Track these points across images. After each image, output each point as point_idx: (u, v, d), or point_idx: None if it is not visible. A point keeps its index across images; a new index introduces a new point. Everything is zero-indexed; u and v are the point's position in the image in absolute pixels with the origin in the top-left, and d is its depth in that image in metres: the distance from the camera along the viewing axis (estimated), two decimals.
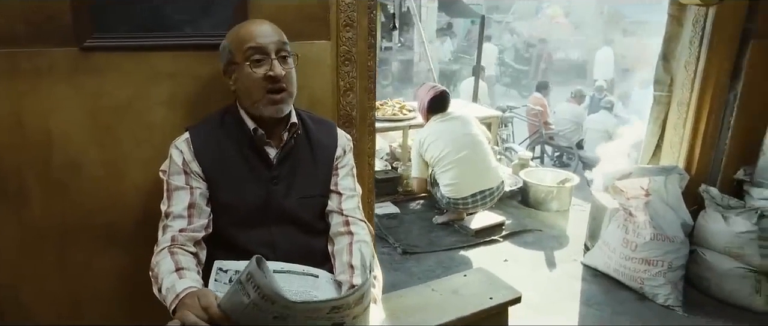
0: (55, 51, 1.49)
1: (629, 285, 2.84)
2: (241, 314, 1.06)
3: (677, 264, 2.71)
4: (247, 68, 1.39)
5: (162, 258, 1.31)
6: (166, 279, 1.25)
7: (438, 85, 3.71)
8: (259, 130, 1.45)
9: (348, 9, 1.85)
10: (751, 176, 2.91)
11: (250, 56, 1.39)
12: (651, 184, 2.80)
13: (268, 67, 1.40)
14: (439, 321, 1.81)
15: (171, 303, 1.20)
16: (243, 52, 1.39)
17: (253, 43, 1.39)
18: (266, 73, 1.39)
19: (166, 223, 1.38)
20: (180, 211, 1.38)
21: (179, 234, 1.36)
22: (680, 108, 2.94)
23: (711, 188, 2.89)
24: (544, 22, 13.14)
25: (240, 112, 1.48)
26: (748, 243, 2.64)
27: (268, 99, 1.40)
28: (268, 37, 1.41)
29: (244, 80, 1.41)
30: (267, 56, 1.40)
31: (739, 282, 2.68)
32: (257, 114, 1.44)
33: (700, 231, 2.82)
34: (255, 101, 1.41)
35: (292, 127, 1.49)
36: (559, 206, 3.97)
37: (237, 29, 1.46)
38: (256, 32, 1.41)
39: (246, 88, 1.42)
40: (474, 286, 2.02)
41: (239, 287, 1.02)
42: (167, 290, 1.23)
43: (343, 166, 1.60)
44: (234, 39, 1.43)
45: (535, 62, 12.18)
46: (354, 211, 1.56)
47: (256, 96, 1.40)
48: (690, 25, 2.82)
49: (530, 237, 3.57)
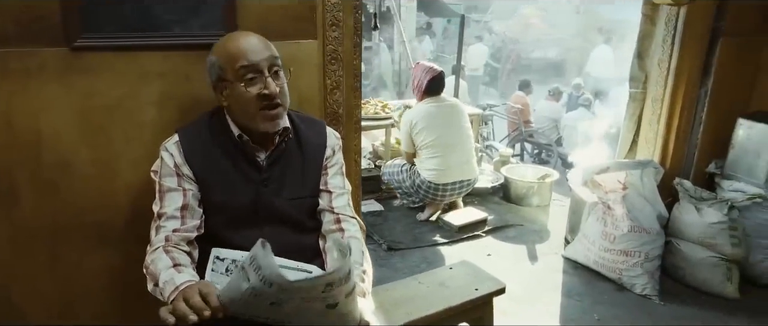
0: (45, 51, 1.50)
1: (608, 276, 2.93)
2: (239, 303, 1.09)
3: (653, 255, 2.81)
4: (241, 88, 1.38)
5: (157, 257, 1.33)
6: (164, 274, 1.28)
7: (434, 66, 3.68)
8: (244, 136, 1.46)
9: (334, 9, 1.89)
10: (721, 169, 3.03)
11: (243, 75, 1.37)
12: (628, 178, 2.89)
13: (262, 85, 1.38)
14: (426, 313, 1.87)
15: (169, 295, 1.22)
16: (235, 70, 1.37)
17: (245, 62, 1.37)
18: (261, 91, 1.38)
19: (160, 224, 1.40)
20: (173, 212, 1.40)
21: (173, 234, 1.38)
22: (654, 104, 3.04)
23: (684, 181, 3.00)
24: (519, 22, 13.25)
25: (226, 117, 1.49)
26: (720, 233, 2.75)
27: (264, 115, 1.40)
28: (259, 54, 1.39)
29: (237, 98, 1.40)
30: (260, 74, 1.39)
31: (711, 271, 2.79)
32: (253, 128, 1.44)
33: (675, 223, 2.92)
34: (250, 118, 1.41)
35: (284, 131, 1.51)
36: (539, 201, 4.06)
37: (225, 44, 1.43)
38: (247, 49, 1.39)
39: (240, 107, 1.41)
40: (459, 278, 2.08)
41: (241, 272, 1.05)
42: (165, 283, 1.25)
43: (333, 165, 1.62)
44: (223, 55, 1.41)
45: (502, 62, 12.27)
46: (344, 208, 1.60)
47: (252, 113, 1.40)
48: (663, 24, 2.92)
49: (512, 231, 3.64)
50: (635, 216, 2.81)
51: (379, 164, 4.42)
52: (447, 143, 3.51)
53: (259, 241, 1.03)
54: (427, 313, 1.86)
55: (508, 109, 7.03)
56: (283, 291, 1.06)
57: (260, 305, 1.10)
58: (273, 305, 1.10)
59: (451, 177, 3.54)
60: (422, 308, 1.88)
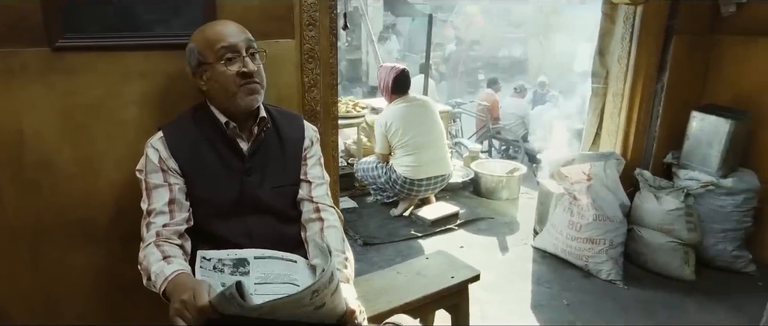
0: (26, 51, 1.51)
1: (575, 263, 3.06)
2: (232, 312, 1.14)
3: (617, 242, 2.95)
4: (221, 66, 1.46)
5: (149, 252, 1.37)
6: (155, 267, 1.32)
7: (397, 65, 3.79)
8: (231, 123, 1.52)
9: (310, 9, 1.95)
10: (678, 159, 3.21)
11: (223, 55, 1.45)
12: (592, 169, 3.04)
13: (241, 64, 1.47)
14: (405, 300, 1.93)
15: (161, 286, 1.26)
16: (215, 52, 1.45)
17: (225, 43, 1.46)
18: (240, 69, 1.46)
19: (149, 220, 1.43)
20: (161, 207, 1.43)
21: (163, 229, 1.41)
22: (615, 98, 3.19)
23: (644, 171, 3.16)
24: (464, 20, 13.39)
25: (211, 108, 1.54)
26: (677, 219, 2.92)
27: (244, 90, 1.47)
28: (237, 37, 1.48)
29: (217, 78, 1.47)
30: (238, 54, 1.47)
31: (670, 255, 2.95)
32: (232, 109, 1.51)
33: (636, 211, 3.08)
34: (231, 96, 1.48)
35: (262, 121, 1.56)
36: (508, 195, 4.19)
37: (203, 31, 1.50)
38: (226, 32, 1.48)
39: (220, 86, 1.48)
40: (436, 267, 2.16)
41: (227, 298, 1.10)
42: (157, 276, 1.29)
43: (312, 156, 1.68)
44: (202, 40, 1.48)
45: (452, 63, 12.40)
46: (323, 198, 1.66)
47: (232, 90, 1.47)
48: (621, 22, 3.08)
49: (483, 224, 3.76)
50: (599, 205, 2.95)
51: (352, 162, 4.48)
52: (421, 141, 3.60)
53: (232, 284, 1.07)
54: (406, 301, 1.93)
55: (476, 107, 7.18)
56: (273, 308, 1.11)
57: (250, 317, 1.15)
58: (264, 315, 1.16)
59: (426, 173, 3.63)
60: (402, 296, 1.95)
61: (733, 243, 3.02)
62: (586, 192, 2.99)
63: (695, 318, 2.64)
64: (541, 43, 10.79)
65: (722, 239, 3.03)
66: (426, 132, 3.64)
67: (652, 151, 3.27)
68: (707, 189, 2.99)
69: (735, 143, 2.97)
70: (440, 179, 3.75)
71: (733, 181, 2.96)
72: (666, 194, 2.99)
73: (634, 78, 3.08)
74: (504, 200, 4.18)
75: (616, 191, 3.01)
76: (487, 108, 6.92)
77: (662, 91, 3.15)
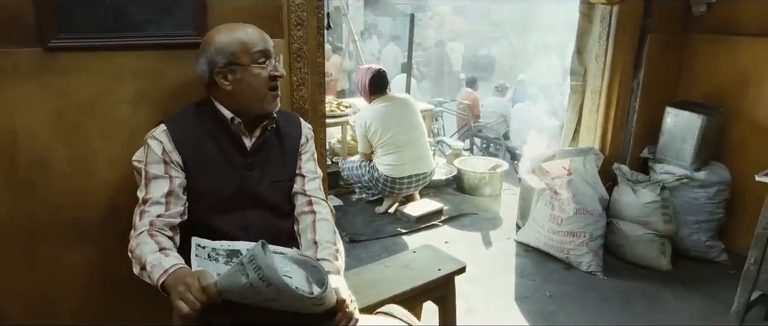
0: (19, 51, 1.53)
1: (557, 256, 3.15)
2: (236, 293, 1.19)
3: (597, 235, 3.05)
4: (256, 68, 1.51)
5: (142, 241, 1.39)
6: (150, 257, 1.34)
7: (373, 65, 3.85)
8: (237, 119, 1.56)
9: (298, 9, 1.99)
10: (653, 154, 3.32)
11: (258, 59, 1.52)
12: (572, 164, 3.13)
13: (272, 68, 1.54)
14: (394, 292, 1.99)
15: (158, 278, 1.29)
16: (250, 54, 1.51)
17: (262, 47, 1.52)
18: (272, 73, 1.54)
19: (144, 209, 1.46)
20: (158, 198, 1.46)
21: (157, 219, 1.44)
22: (593, 95, 3.29)
23: (622, 166, 3.26)
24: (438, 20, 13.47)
25: (215, 104, 1.57)
26: (654, 211, 3.02)
27: (272, 95, 1.55)
28: (268, 42, 1.56)
29: (250, 80, 1.51)
30: (270, 59, 1.54)
31: (648, 246, 3.06)
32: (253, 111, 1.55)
33: (615, 204, 3.18)
34: (260, 98, 1.53)
35: (271, 120, 1.61)
36: (491, 191, 4.28)
37: (234, 33, 1.52)
38: (259, 37, 1.54)
39: (251, 87, 1.52)
40: (423, 261, 2.22)
41: (240, 267, 1.14)
42: (153, 266, 1.32)
43: (306, 152, 1.74)
44: (237, 43, 1.50)
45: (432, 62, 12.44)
46: (316, 192, 1.71)
47: (262, 93, 1.53)
48: (598, 22, 3.17)
49: (467, 220, 3.83)
50: (580, 199, 3.04)
51: (336, 161, 4.52)
52: (402, 140, 3.65)
53: (259, 242, 1.14)
54: (395, 293, 1.98)
55: (457, 106, 7.27)
56: (278, 291, 1.16)
57: (254, 299, 1.20)
58: (266, 300, 1.20)
59: (408, 172, 3.69)
60: (391, 289, 2.01)
61: (707, 234, 3.14)
62: (567, 187, 3.08)
63: (672, 306, 2.74)
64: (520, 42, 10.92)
65: (696, 230, 3.14)
66: (406, 130, 3.70)
67: (629, 146, 3.38)
68: (682, 183, 3.10)
69: (707, 138, 3.08)
70: (423, 177, 3.82)
71: (705, 174, 3.08)
72: (643, 187, 3.10)
73: (611, 75, 3.18)
74: (487, 196, 4.26)
75: (596, 185, 3.11)
76: (468, 106, 7.01)
77: (638, 88, 3.25)
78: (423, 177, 3.81)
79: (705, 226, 3.14)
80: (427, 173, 3.84)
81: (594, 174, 3.13)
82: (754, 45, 3.05)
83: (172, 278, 1.28)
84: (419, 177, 3.79)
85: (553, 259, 3.17)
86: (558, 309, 2.70)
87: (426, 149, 3.84)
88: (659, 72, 3.27)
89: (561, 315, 2.66)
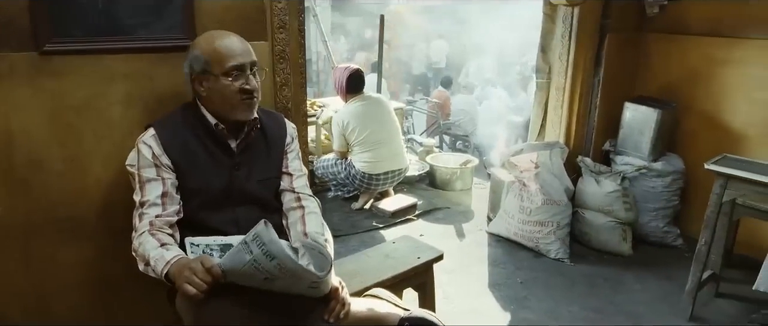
0: (15, 55, 1.58)
1: (527, 245, 3.32)
2: (239, 272, 1.28)
3: (564, 223, 3.23)
4: (225, 80, 1.57)
5: (145, 240, 1.47)
6: (153, 253, 1.43)
7: (351, 65, 3.97)
8: (220, 125, 1.64)
9: (281, 13, 2.09)
10: (614, 146, 3.52)
11: (229, 72, 1.57)
12: (539, 158, 3.30)
13: (244, 81, 1.59)
14: (376, 280, 2.10)
15: (162, 269, 1.38)
16: (222, 66, 1.56)
17: (235, 62, 1.57)
18: (242, 86, 1.59)
19: (142, 211, 1.53)
20: (154, 199, 1.54)
21: (156, 219, 1.52)
22: (558, 92, 3.47)
23: (586, 158, 3.46)
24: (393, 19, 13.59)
25: (201, 109, 1.65)
26: (615, 200, 3.22)
27: (244, 105, 1.61)
28: (246, 57, 1.61)
29: (221, 90, 1.58)
30: (243, 72, 1.60)
31: (610, 233, 3.25)
32: (228, 117, 1.62)
33: (580, 195, 3.36)
34: (230, 107, 1.60)
35: (254, 121, 1.69)
36: (462, 185, 4.44)
37: (212, 42, 1.59)
38: (237, 51, 1.59)
39: (222, 97, 1.59)
40: (402, 250, 2.34)
41: (244, 246, 1.24)
42: (156, 261, 1.41)
43: (292, 151, 1.84)
44: (212, 52, 1.57)
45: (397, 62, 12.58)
46: (304, 188, 1.82)
47: (233, 103, 1.59)
48: (560, 22, 3.35)
49: (440, 213, 3.98)
50: (547, 190, 3.22)
51: (311, 159, 4.60)
52: (378, 138, 3.78)
53: (261, 221, 1.24)
54: (377, 281, 2.09)
55: (428, 104, 7.43)
56: (281, 267, 1.27)
57: (256, 277, 1.30)
58: (266, 280, 1.30)
59: (384, 168, 3.82)
60: (373, 277, 2.11)
61: (664, 220, 3.36)
62: (535, 179, 3.25)
63: (633, 288, 2.94)
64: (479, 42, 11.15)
65: (654, 217, 3.36)
66: (382, 129, 3.82)
67: (592, 139, 3.58)
68: (640, 173, 3.31)
69: (663, 131, 3.30)
70: (397, 173, 3.95)
71: (662, 165, 3.30)
72: (605, 178, 3.29)
73: (574, 73, 3.37)
74: (458, 191, 4.41)
75: (561, 177, 3.29)
76: (438, 105, 7.18)
77: (599, 84, 3.45)
78: (398, 173, 3.94)
79: (662, 213, 3.36)
80: (402, 169, 3.97)
81: (560, 166, 3.31)
82: (701, 44, 3.28)
83: (175, 267, 1.36)
84: (394, 174, 3.91)
85: (523, 248, 3.34)
86: (529, 294, 2.86)
87: (401, 147, 3.97)
88: (618, 69, 3.48)
89: (532, 300, 2.82)
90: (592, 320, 2.64)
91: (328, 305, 1.52)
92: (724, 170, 2.41)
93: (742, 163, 2.49)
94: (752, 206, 2.46)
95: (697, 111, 3.37)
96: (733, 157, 2.60)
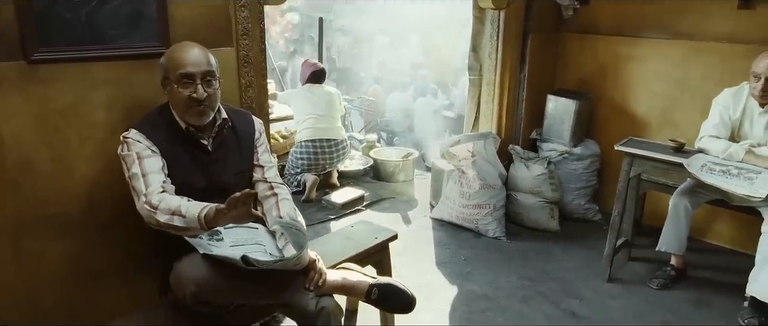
0: (4, 65, 1.69)
1: (467, 226, 3.66)
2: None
3: (499, 205, 3.59)
4: (177, 88, 1.75)
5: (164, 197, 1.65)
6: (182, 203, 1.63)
7: (318, 63, 4.66)
8: (191, 128, 1.83)
9: (244, 21, 2.28)
10: (540, 135, 3.94)
11: (180, 80, 1.75)
12: (474, 147, 3.64)
13: (193, 90, 1.75)
14: (340, 259, 2.33)
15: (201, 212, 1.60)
16: (175, 74, 1.75)
17: (184, 71, 1.74)
18: (191, 94, 1.75)
19: (148, 181, 1.68)
20: (157, 170, 1.71)
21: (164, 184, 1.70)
22: (489, 87, 3.82)
23: (516, 146, 3.85)
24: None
25: (173, 113, 1.83)
26: (543, 182, 3.62)
27: (191, 112, 1.77)
28: (197, 67, 1.75)
29: (173, 95, 1.78)
30: (193, 81, 1.75)
31: (540, 212, 3.65)
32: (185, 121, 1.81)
33: (512, 179, 3.74)
34: (182, 112, 1.79)
35: (223, 121, 1.89)
36: (405, 177, 4.74)
37: (172, 52, 1.79)
38: (188, 60, 1.75)
39: (175, 102, 1.80)
40: (361, 233, 2.59)
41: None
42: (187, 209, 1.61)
43: (261, 144, 2.04)
44: (170, 61, 1.77)
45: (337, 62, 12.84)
46: (275, 178, 2.03)
47: (182, 109, 1.78)
48: (489, 24, 3.70)
49: (386, 203, 4.26)
50: (483, 176, 3.57)
51: None
52: (319, 114, 4.29)
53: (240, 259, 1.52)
54: (341, 259, 2.32)
55: (363, 102, 7.70)
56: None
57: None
58: None
59: (324, 135, 4.26)
60: (337, 256, 2.32)
61: (584, 198, 3.81)
62: (472, 167, 3.59)
63: (560, 258, 3.35)
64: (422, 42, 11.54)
65: (577, 196, 3.80)
66: (324, 109, 4.33)
67: (520, 129, 3.97)
68: (563, 157, 3.74)
69: (581, 119, 3.74)
70: (339, 144, 4.35)
71: (581, 149, 3.74)
72: (533, 163, 3.69)
73: (502, 70, 3.73)
74: (401, 182, 4.71)
75: (495, 164, 3.65)
76: (373, 102, 7.47)
77: (525, 79, 3.85)
78: (339, 144, 4.34)
79: (583, 192, 3.80)
80: (342, 141, 4.38)
81: (493, 154, 3.67)
82: (609, 42, 3.75)
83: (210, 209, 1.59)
84: (337, 144, 4.32)
85: (464, 230, 3.68)
86: (472, 270, 3.20)
87: (339, 125, 4.46)
88: (540, 65, 3.89)
89: (475, 274, 3.15)
90: (527, 288, 3.01)
91: (308, 275, 1.76)
92: (630, 150, 2.84)
93: (644, 144, 2.94)
94: (653, 180, 2.93)
95: (608, 101, 3.84)
96: (638, 139, 3.05)
